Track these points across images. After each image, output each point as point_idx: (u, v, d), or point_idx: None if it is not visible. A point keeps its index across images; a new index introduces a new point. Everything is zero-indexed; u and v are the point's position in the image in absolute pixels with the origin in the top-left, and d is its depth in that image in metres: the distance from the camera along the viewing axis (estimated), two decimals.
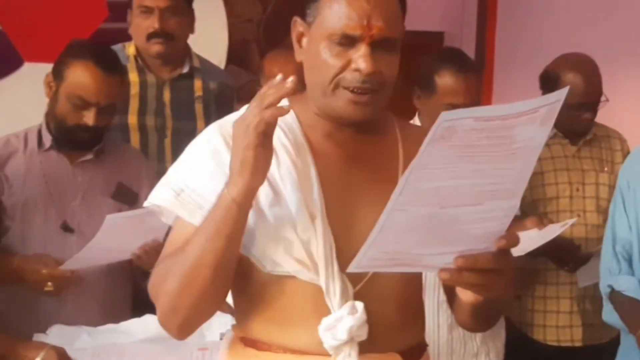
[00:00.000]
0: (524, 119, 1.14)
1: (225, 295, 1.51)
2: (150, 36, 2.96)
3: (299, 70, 1.55)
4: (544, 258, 2.93)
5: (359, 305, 1.46)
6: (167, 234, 1.60)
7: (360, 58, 1.44)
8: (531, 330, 3.07)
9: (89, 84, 2.48)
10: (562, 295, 3.03)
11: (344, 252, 1.46)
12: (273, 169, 1.46)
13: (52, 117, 2.57)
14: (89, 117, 2.50)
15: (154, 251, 2.42)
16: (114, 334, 2.30)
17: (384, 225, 1.22)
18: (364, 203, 1.51)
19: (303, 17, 1.52)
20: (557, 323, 3.03)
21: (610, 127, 3.17)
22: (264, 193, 1.47)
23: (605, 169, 3.07)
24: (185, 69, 3.07)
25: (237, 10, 4.63)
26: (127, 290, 2.67)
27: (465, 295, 1.39)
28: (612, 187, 2.93)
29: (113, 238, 2.34)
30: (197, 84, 3.10)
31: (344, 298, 1.46)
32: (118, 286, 2.62)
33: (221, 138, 1.51)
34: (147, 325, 2.26)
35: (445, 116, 1.11)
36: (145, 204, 1.57)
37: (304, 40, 1.52)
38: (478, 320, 1.54)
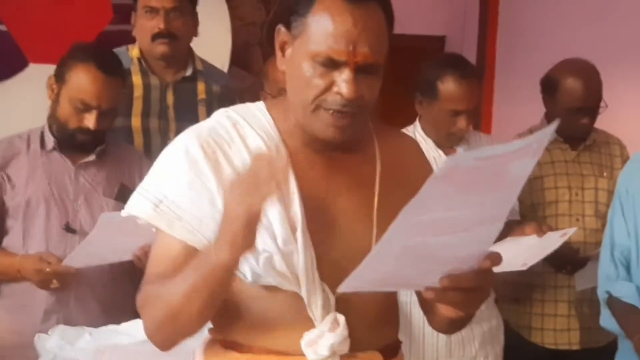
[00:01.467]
0: (519, 155, 1.18)
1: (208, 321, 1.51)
2: (155, 36, 2.95)
3: None
4: (542, 261, 2.94)
5: (341, 319, 1.48)
6: None
7: (343, 82, 1.42)
8: (529, 334, 3.08)
9: (90, 87, 2.50)
10: (560, 298, 3.04)
11: (324, 261, 1.47)
12: None
13: (54, 119, 2.58)
14: (90, 121, 2.51)
15: None
16: (116, 335, 2.31)
17: (378, 253, 1.24)
18: (343, 210, 1.52)
19: (287, 26, 1.50)
20: (554, 326, 3.04)
21: (610, 133, 3.19)
22: None
23: (605, 174, 3.08)
24: (189, 72, 3.07)
25: (240, 14, 4.64)
26: (129, 290, 2.67)
27: (447, 311, 1.40)
28: (611, 193, 2.94)
29: (111, 236, 2.34)
30: (200, 86, 3.10)
31: (326, 308, 1.47)
32: (119, 286, 2.63)
33: (200, 149, 1.50)
34: None
35: (450, 159, 1.14)
36: (123, 213, 1.55)
37: (288, 51, 1.50)
38: (453, 328, 1.59)
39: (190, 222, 1.48)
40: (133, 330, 2.28)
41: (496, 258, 1.31)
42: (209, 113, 3.03)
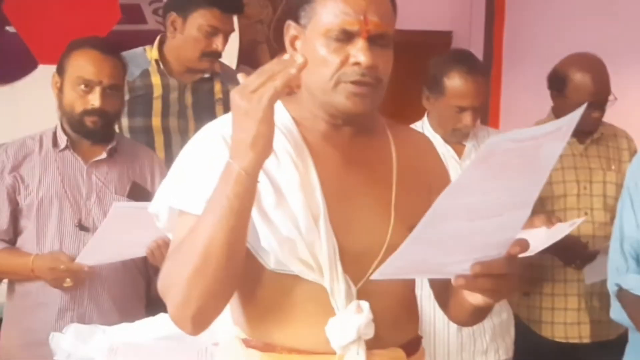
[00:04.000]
0: (550, 137, 1.21)
1: (237, 284, 1.48)
2: (207, 54, 3.00)
3: None
4: (552, 255, 2.95)
5: (364, 304, 1.48)
6: None
7: (359, 52, 1.47)
8: (539, 327, 3.08)
9: (89, 65, 2.54)
10: (570, 292, 3.04)
11: (345, 252, 1.48)
12: (275, 171, 1.48)
13: (62, 111, 2.61)
14: (95, 99, 2.54)
15: (166, 246, 2.45)
16: (129, 333, 2.33)
17: (415, 238, 1.26)
18: (361, 203, 1.53)
19: (296, 20, 1.54)
20: (565, 320, 3.05)
21: (618, 126, 3.19)
22: (266, 194, 1.47)
23: (613, 167, 3.08)
24: (207, 74, 3.12)
25: (247, 12, 4.64)
26: (141, 287, 2.70)
27: (475, 299, 1.42)
28: (619, 186, 2.94)
29: (122, 229, 2.36)
30: (217, 87, 3.15)
31: (348, 298, 1.48)
32: (133, 284, 2.65)
33: (222, 141, 1.50)
34: (162, 323, 2.28)
35: (490, 141, 1.17)
36: (150, 210, 1.56)
37: (298, 43, 1.54)
38: (475, 318, 1.60)
39: None
40: (147, 328, 2.30)
41: (524, 244, 1.33)
42: (226, 112, 3.07)
